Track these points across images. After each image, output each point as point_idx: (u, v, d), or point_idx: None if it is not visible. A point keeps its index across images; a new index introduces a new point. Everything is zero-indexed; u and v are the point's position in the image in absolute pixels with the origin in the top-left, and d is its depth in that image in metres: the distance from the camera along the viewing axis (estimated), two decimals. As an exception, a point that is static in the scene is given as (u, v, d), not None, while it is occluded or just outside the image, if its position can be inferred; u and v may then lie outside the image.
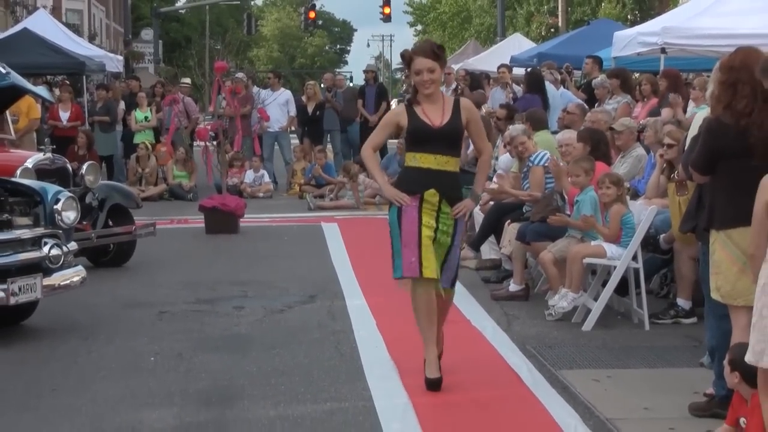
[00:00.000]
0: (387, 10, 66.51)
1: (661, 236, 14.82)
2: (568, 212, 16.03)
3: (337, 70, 74.53)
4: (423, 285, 11.18)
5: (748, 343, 8.70)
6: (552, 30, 61.91)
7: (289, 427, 10.95)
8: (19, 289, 14.39)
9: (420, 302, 11.39)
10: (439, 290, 11.73)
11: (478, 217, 19.35)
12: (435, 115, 11.33)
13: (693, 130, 11.81)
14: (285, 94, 35.35)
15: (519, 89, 28.83)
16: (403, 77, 55.99)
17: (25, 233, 14.89)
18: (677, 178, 12.81)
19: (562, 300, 15.06)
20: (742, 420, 9.47)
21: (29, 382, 12.93)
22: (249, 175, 32.16)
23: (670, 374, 12.07)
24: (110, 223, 20.27)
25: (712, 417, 10.33)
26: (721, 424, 9.74)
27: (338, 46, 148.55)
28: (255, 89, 35.55)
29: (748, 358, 8.26)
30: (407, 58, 11.62)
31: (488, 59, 43.60)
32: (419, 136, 11.49)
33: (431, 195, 11.20)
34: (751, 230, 8.39)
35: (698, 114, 12.81)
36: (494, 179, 19.66)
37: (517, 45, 45.65)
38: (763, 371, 8.23)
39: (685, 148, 11.87)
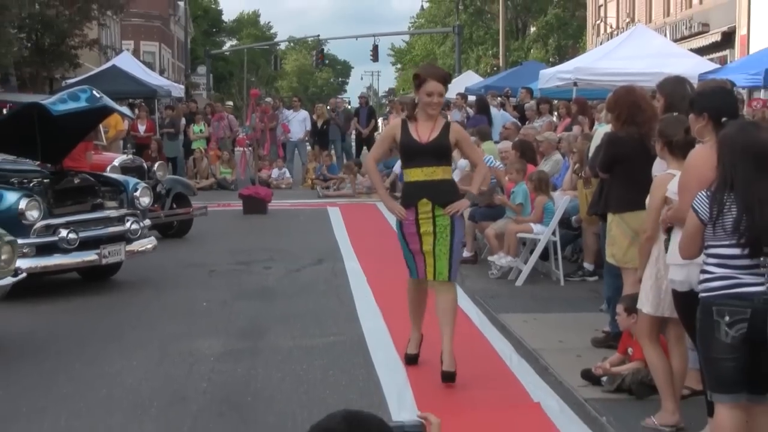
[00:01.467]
0: (375, 54, 66.76)
1: (573, 217, 14.91)
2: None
3: (339, 96, 74.23)
4: (419, 283, 10.03)
5: (636, 294, 8.71)
6: (495, 68, 61.68)
7: (302, 353, 10.98)
8: (109, 253, 14.50)
9: (412, 296, 10.31)
10: (437, 287, 9.92)
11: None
12: (424, 132, 9.75)
13: (596, 141, 11.83)
14: (303, 113, 35.42)
15: (471, 111, 28.81)
16: (387, 101, 54.50)
17: (113, 213, 15.07)
18: (584, 176, 12.88)
19: (501, 259, 15.21)
20: (630, 349, 9.50)
21: (115, 321, 12.96)
22: (275, 172, 32.15)
23: (578, 317, 12.12)
24: (174, 206, 20.32)
25: (608, 347, 10.35)
26: (614, 353, 9.75)
27: (340, 79, 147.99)
28: (283, 110, 35.52)
29: (647, 309, 8.22)
30: (421, 77, 9.81)
31: (450, 89, 43.44)
32: (408, 151, 9.93)
33: (424, 204, 9.67)
34: (648, 216, 8.34)
35: (599, 130, 12.80)
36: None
37: (469, 79, 45.49)
38: (652, 318, 8.23)
39: (590, 154, 11.94)
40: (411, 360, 10.30)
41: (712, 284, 6.52)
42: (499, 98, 30.62)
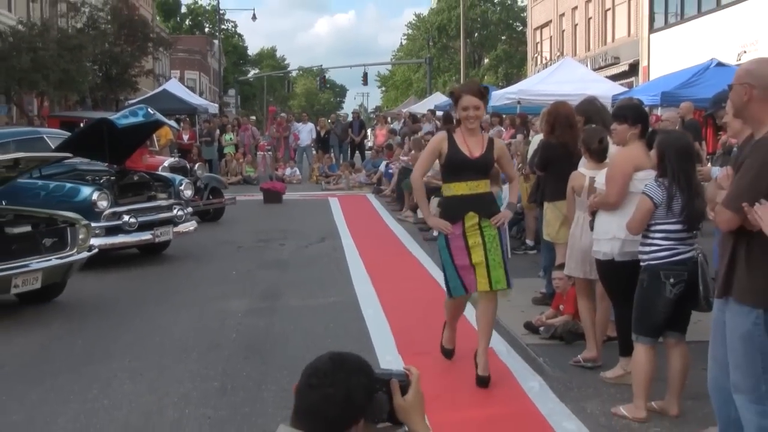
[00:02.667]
0: (365, 79, 66.84)
1: (518, 204, 14.85)
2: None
3: (338, 112, 74.22)
4: (458, 299, 8.15)
5: (564, 263, 8.79)
6: (457, 91, 61.55)
7: (309, 311, 10.94)
8: (160, 234, 14.59)
9: (452, 312, 8.35)
10: (485, 296, 8.03)
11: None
12: (475, 147, 7.94)
13: (533, 146, 11.94)
14: (309, 125, 35.40)
15: (438, 123, 28.72)
16: (374, 116, 54.22)
17: (163, 202, 15.11)
18: (524, 173, 12.86)
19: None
20: (561, 306, 9.50)
21: (165, 286, 12.94)
22: (288, 171, 32.05)
23: (522, 282, 11.95)
24: (210, 197, 20.25)
25: (544, 305, 10.32)
26: (549, 309, 9.73)
27: (338, 99, 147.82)
28: (294, 123, 35.55)
29: (577, 274, 8.29)
30: (456, 94, 8.13)
31: (422, 106, 43.40)
32: (455, 165, 7.99)
33: (471, 218, 7.90)
34: (567, 203, 8.50)
35: (536, 138, 12.82)
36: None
37: (437, 99, 45.31)
38: (585, 281, 8.25)
39: (529, 156, 12.01)
40: (448, 354, 8.57)
41: (660, 254, 6.61)
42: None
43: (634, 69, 40.67)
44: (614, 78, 35.73)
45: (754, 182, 4.89)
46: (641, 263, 6.75)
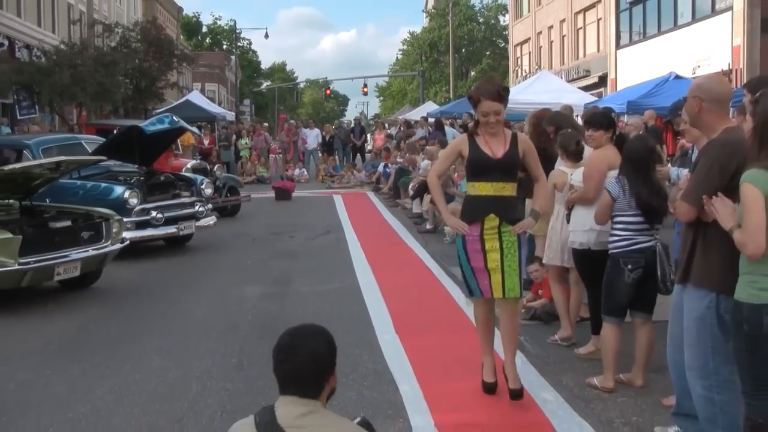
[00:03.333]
0: (365, 90, 66.74)
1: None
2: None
3: (341, 119, 74.26)
4: (485, 303, 6.90)
5: (537, 257, 8.85)
6: (447, 99, 61.51)
7: (316, 296, 10.92)
8: (184, 227, 14.64)
9: (480, 314, 7.02)
10: (503, 304, 6.81)
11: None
12: (497, 147, 6.76)
13: None
14: (316, 131, 35.53)
15: (431, 129, 28.70)
16: (373, 122, 54.06)
17: (186, 200, 15.12)
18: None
19: (452, 230, 15.11)
20: (540, 291, 9.48)
21: (188, 274, 12.93)
22: (297, 171, 32.04)
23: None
24: (228, 195, 20.25)
25: (525, 290, 10.29)
26: (529, 294, 9.71)
27: (341, 107, 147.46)
28: (302, 128, 35.58)
29: (556, 262, 8.30)
30: (475, 99, 6.89)
31: (416, 113, 43.28)
32: (479, 166, 6.82)
33: (491, 219, 6.72)
34: (548, 199, 8.48)
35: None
36: (419, 170, 19.60)
37: (430, 107, 45.27)
38: (559, 268, 8.27)
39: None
40: (490, 389, 6.85)
41: (620, 243, 6.70)
42: (450, 120, 30.57)
43: (603, 81, 40.74)
44: (585, 89, 35.71)
45: (707, 178, 4.94)
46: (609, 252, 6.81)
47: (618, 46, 39.62)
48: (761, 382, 4.58)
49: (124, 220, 12.35)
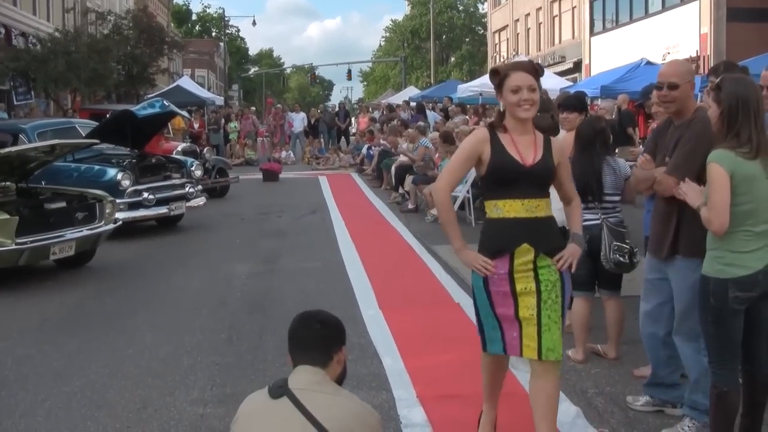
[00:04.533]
0: (349, 75, 66.67)
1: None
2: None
3: (326, 103, 74.18)
4: (499, 359, 5.03)
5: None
6: (428, 84, 61.43)
7: (303, 273, 10.92)
8: (175, 208, 14.57)
9: (490, 377, 5.10)
10: (539, 367, 4.71)
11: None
12: (527, 150, 4.73)
13: None
14: (302, 114, 35.22)
15: (413, 113, 28.69)
16: (357, 106, 53.83)
17: (177, 181, 15.06)
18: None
19: (433, 210, 15.09)
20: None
21: (179, 252, 12.90)
22: (283, 153, 31.92)
23: (483, 247, 11.99)
24: (217, 176, 20.17)
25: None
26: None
27: (326, 92, 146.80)
28: (288, 112, 35.49)
29: None
30: (501, 73, 4.77)
31: (398, 97, 43.19)
32: (505, 176, 4.69)
33: (524, 252, 4.66)
34: None
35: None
36: (400, 156, 19.62)
37: (411, 91, 45.24)
38: None
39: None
40: None
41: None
42: (431, 104, 30.62)
43: (577, 66, 40.84)
44: (561, 74, 35.81)
45: (692, 153, 4.96)
46: None
47: (592, 33, 39.67)
48: (725, 353, 4.63)
49: (117, 201, 12.33)
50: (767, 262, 4.55)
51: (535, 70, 4.69)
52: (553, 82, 24.13)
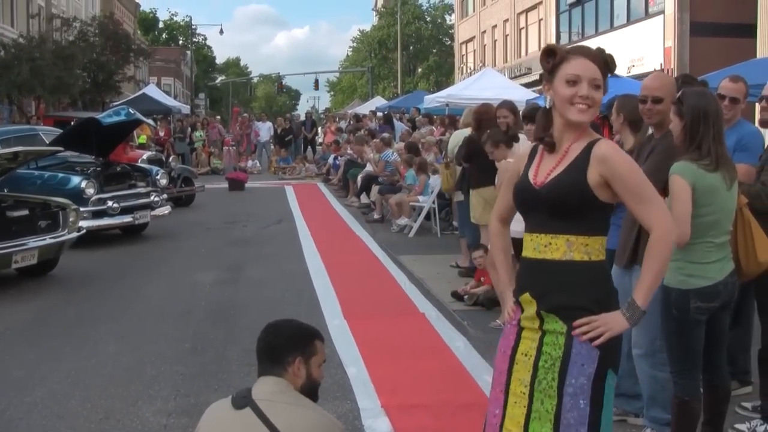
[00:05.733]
0: (316, 85, 66.76)
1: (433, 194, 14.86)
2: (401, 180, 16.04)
3: (293, 112, 74.10)
4: None
5: (488, 243, 8.88)
6: (395, 94, 61.54)
7: (268, 282, 10.89)
8: (140, 217, 14.43)
9: None
10: None
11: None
12: (547, 165, 3.43)
13: (452, 141, 12.12)
14: (268, 124, 35.27)
15: (380, 122, 28.75)
16: (324, 116, 53.70)
17: (142, 190, 14.95)
18: (445, 161, 12.79)
19: (399, 220, 15.15)
20: (482, 278, 9.53)
21: (145, 261, 12.82)
22: (249, 163, 31.84)
23: (449, 257, 12.06)
24: (183, 185, 20.06)
25: (468, 277, 10.37)
26: (472, 280, 9.77)
27: (293, 102, 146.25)
28: (255, 121, 35.42)
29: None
30: (558, 56, 3.41)
31: (365, 107, 43.20)
32: (519, 202, 3.55)
33: (527, 303, 3.38)
34: (497, 190, 8.52)
35: (455, 133, 12.84)
36: (367, 166, 19.66)
37: (378, 101, 45.27)
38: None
39: (449, 149, 12.09)
40: None
41: (517, 228, 6.66)
42: (398, 114, 30.71)
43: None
44: (527, 86, 35.88)
45: (661, 163, 4.97)
46: None
47: (558, 45, 39.95)
48: (687, 363, 4.67)
49: (81, 209, 12.22)
50: (727, 273, 4.62)
51: (605, 62, 3.45)
52: (519, 94, 24.19)
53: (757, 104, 6.00)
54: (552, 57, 3.44)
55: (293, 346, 3.60)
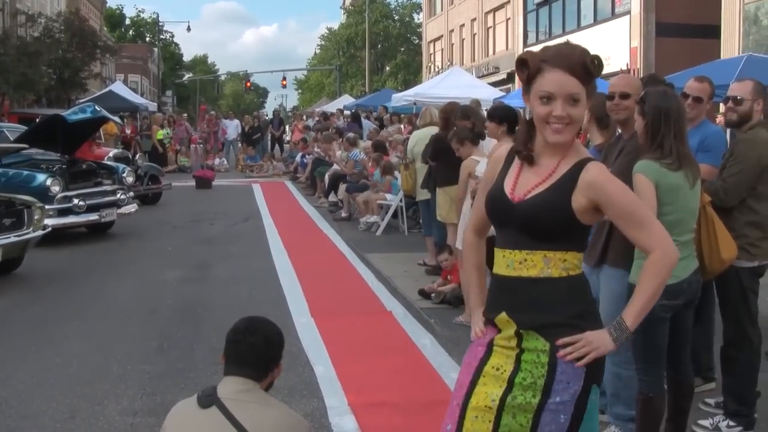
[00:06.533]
0: (284, 83, 66.61)
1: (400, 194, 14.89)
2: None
3: (261, 110, 73.97)
4: None
5: (447, 246, 8.95)
6: (363, 93, 61.54)
7: (235, 281, 10.86)
8: (106, 215, 14.32)
9: None
10: None
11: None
12: (528, 180, 3.13)
13: (412, 140, 12.24)
14: (236, 122, 35.25)
15: (347, 121, 28.73)
16: (291, 114, 53.56)
17: (108, 188, 14.81)
18: (404, 162, 12.78)
19: (367, 218, 15.15)
20: (449, 276, 9.58)
21: (110, 259, 12.71)
22: (216, 161, 31.83)
23: (416, 255, 12.08)
24: (149, 183, 19.97)
25: (435, 275, 10.40)
26: (439, 278, 9.81)
27: (261, 99, 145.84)
28: (222, 119, 35.29)
29: (459, 245, 8.41)
30: (533, 68, 3.04)
31: (333, 106, 43.13)
32: (492, 214, 3.26)
33: (504, 323, 3.10)
34: (459, 186, 8.54)
35: (415, 133, 12.86)
36: (334, 165, 19.67)
37: (346, 99, 45.24)
38: (460, 252, 8.36)
39: (409, 148, 12.12)
40: None
41: None
42: (365, 113, 30.70)
43: (511, 77, 41.19)
44: (495, 84, 36.10)
45: (629, 164, 5.03)
46: None
47: (525, 44, 40.12)
48: (652, 360, 4.71)
49: (46, 207, 12.12)
50: (691, 271, 4.67)
51: (585, 69, 3.02)
52: (486, 93, 24.32)
53: (721, 105, 6.08)
54: (526, 68, 3.09)
55: (277, 353, 3.59)
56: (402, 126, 23.44)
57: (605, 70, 3.90)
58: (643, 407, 4.77)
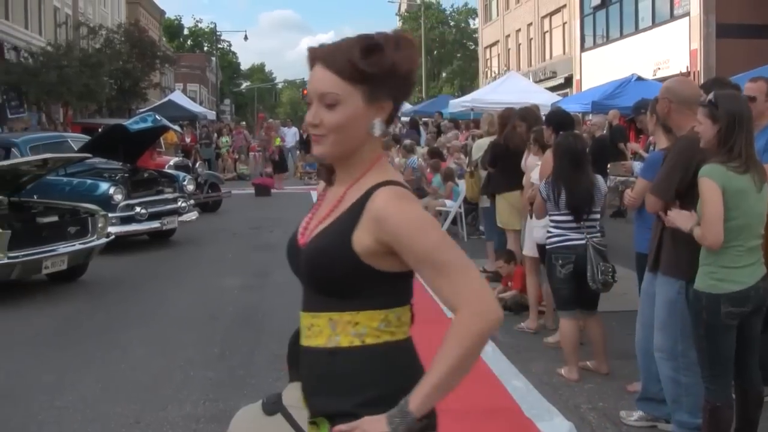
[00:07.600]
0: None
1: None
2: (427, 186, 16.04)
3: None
4: None
5: (516, 246, 8.92)
6: (420, 98, 61.57)
7: (294, 287, 10.70)
8: (167, 222, 14.61)
9: None
10: None
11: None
12: (320, 212, 2.47)
13: (476, 149, 12.09)
14: (294, 129, 35.36)
15: (406, 128, 28.73)
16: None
17: (169, 196, 15.04)
18: (469, 170, 12.75)
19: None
20: (510, 283, 9.52)
21: (171, 266, 12.88)
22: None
23: (476, 262, 11.89)
24: (209, 191, 20.19)
25: (495, 281, 10.32)
26: (499, 285, 9.75)
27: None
28: (280, 127, 35.51)
29: (530, 253, 8.36)
30: (309, 63, 2.20)
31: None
32: (289, 263, 2.53)
33: (305, 404, 2.37)
34: (523, 195, 8.52)
35: (477, 141, 12.78)
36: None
37: (403, 106, 45.15)
38: (533, 259, 8.34)
39: (473, 156, 12.07)
40: None
41: (552, 239, 6.84)
42: (424, 119, 30.74)
43: (568, 82, 40.91)
44: (552, 89, 35.85)
45: (672, 170, 5.01)
46: None
47: (582, 48, 39.79)
48: (718, 368, 4.63)
49: (110, 215, 12.33)
50: (759, 278, 4.57)
51: (351, 64, 2.18)
52: (543, 98, 24.16)
53: None
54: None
55: None
56: (459, 132, 23.41)
57: (665, 74, 3.89)
58: (710, 416, 4.68)
